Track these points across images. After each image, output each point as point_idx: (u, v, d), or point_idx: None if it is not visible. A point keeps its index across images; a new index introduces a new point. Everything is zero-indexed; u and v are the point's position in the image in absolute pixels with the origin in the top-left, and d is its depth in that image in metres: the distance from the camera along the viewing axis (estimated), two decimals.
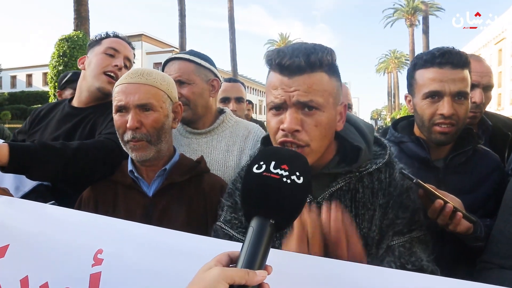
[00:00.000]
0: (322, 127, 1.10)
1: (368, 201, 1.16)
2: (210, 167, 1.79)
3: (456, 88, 1.47)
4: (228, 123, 2.00)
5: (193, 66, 1.91)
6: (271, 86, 1.13)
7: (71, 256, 1.13)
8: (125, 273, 1.05)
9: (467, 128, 1.62)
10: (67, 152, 1.48)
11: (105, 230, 1.15)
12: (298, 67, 1.07)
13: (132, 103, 1.42)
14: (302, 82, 1.08)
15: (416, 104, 1.59)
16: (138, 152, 1.45)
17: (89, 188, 1.59)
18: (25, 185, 1.64)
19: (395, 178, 1.20)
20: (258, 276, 0.73)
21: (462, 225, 1.27)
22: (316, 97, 1.08)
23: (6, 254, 1.21)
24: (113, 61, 1.97)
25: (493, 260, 1.28)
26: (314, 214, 1.00)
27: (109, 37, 2.04)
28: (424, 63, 1.53)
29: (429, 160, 1.57)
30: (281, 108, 1.11)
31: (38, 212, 1.29)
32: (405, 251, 1.12)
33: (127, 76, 1.48)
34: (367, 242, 1.13)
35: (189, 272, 0.96)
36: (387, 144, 1.28)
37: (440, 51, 1.50)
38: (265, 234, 0.76)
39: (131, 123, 1.41)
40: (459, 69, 1.47)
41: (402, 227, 1.16)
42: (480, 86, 1.96)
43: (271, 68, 1.14)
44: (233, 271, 0.72)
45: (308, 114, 1.09)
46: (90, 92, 1.97)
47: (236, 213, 1.27)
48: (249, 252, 0.74)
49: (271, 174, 0.79)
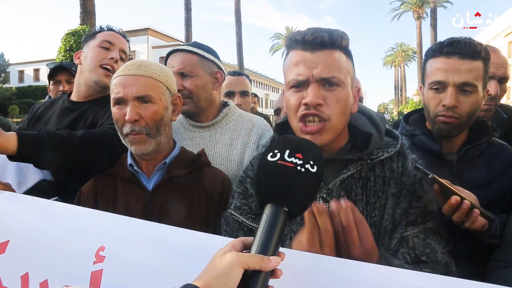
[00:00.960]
0: (343, 103, 1.14)
1: (379, 189, 1.16)
2: (213, 161, 1.77)
3: (462, 79, 1.42)
4: (231, 116, 1.98)
5: (197, 58, 1.88)
6: (292, 63, 1.15)
7: (72, 253, 1.12)
8: (127, 270, 1.03)
9: (481, 120, 1.58)
10: (73, 140, 1.49)
11: (107, 227, 1.14)
12: (321, 42, 1.11)
13: (131, 95, 1.40)
14: (325, 58, 1.11)
15: (424, 94, 1.57)
16: (137, 145, 1.42)
17: (88, 182, 1.57)
18: (28, 181, 1.63)
19: (407, 168, 1.20)
20: (272, 262, 0.74)
21: (479, 222, 1.22)
22: (337, 73, 1.12)
23: (6, 250, 1.20)
24: (109, 54, 1.96)
25: (507, 258, 1.25)
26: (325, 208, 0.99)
27: (103, 30, 2.04)
28: (433, 52, 1.51)
29: (442, 153, 1.53)
30: (302, 85, 1.13)
31: (40, 208, 1.28)
32: (419, 242, 1.13)
33: (124, 68, 1.46)
34: (380, 231, 1.13)
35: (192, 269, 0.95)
36: (399, 135, 1.28)
37: (449, 40, 1.47)
38: (279, 221, 0.78)
39: (129, 115, 1.38)
40: (468, 60, 1.42)
41: (415, 217, 1.16)
42: (495, 78, 1.91)
43: (292, 46, 1.17)
44: (248, 256, 0.74)
45: (330, 89, 1.12)
46: (88, 86, 1.96)
47: (246, 200, 1.28)
48: (263, 239, 0.76)
49: (286, 162, 0.81)
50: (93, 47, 1.97)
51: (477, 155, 1.54)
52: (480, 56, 1.43)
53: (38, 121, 2.01)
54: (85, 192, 1.54)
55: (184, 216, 1.42)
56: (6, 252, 1.20)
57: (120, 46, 2.02)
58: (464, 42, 1.44)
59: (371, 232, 1.04)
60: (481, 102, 1.50)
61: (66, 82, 3.16)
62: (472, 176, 1.50)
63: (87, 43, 2.02)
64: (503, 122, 2.00)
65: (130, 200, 1.47)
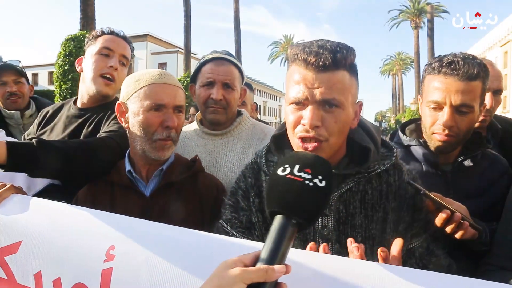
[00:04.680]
0: (341, 124, 1.12)
1: (376, 203, 1.18)
2: (225, 168, 1.80)
3: (459, 101, 1.42)
4: (244, 125, 2.00)
5: (238, 73, 1.93)
6: (293, 80, 1.13)
7: (83, 252, 1.16)
8: (136, 269, 1.07)
9: (475, 132, 1.61)
10: (67, 149, 1.48)
11: (117, 228, 1.17)
12: (324, 65, 1.08)
13: (173, 103, 1.48)
14: (326, 80, 1.09)
15: (422, 109, 1.59)
16: (164, 151, 1.49)
17: (85, 188, 1.59)
18: (37, 185, 1.65)
19: (404, 181, 1.21)
20: (277, 272, 0.74)
21: (469, 232, 1.27)
22: (338, 95, 1.09)
23: (19, 250, 1.24)
24: (108, 61, 1.94)
25: (495, 262, 1.31)
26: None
27: (104, 34, 2.00)
28: (432, 69, 1.50)
29: (438, 164, 1.57)
30: (301, 103, 1.12)
31: (52, 209, 1.32)
32: (423, 251, 1.17)
33: (159, 76, 1.50)
34: (383, 244, 1.13)
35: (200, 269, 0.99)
36: (393, 146, 1.29)
37: (449, 59, 1.45)
38: (287, 233, 0.79)
39: (172, 122, 1.46)
40: (466, 81, 1.41)
41: (419, 229, 1.19)
42: (490, 90, 1.94)
43: (295, 62, 1.14)
44: (252, 271, 0.74)
45: (329, 111, 1.10)
46: (90, 95, 1.96)
47: (236, 213, 1.28)
48: (270, 249, 0.77)
49: (295, 176, 0.82)
50: (92, 55, 1.95)
51: (472, 166, 1.57)
52: (479, 76, 1.42)
53: (46, 126, 2.02)
54: (82, 198, 1.56)
55: (181, 221, 1.45)
56: (19, 252, 1.24)
57: (120, 52, 1.99)
58: (464, 62, 1.42)
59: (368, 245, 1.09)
60: (477, 119, 1.52)
61: (14, 82, 2.87)
62: (466, 186, 1.54)
63: (88, 48, 2.00)
64: (498, 132, 2.03)
65: (127, 206, 1.48)
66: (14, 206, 1.34)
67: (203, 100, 1.90)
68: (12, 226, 1.29)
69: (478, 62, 1.44)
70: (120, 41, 2.02)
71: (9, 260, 1.25)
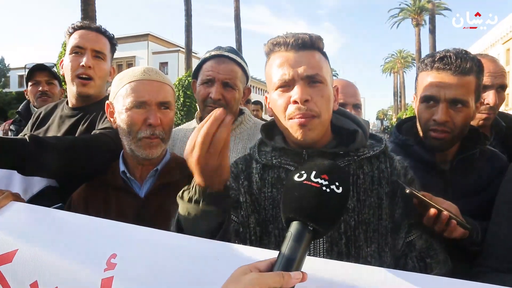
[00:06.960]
0: (327, 99, 1.19)
1: (368, 188, 1.19)
2: None
3: (452, 95, 1.42)
4: (246, 125, 1.98)
5: (240, 72, 1.88)
6: (276, 64, 1.20)
7: (82, 261, 1.12)
8: (137, 277, 1.04)
9: (473, 129, 1.59)
10: (60, 146, 1.45)
11: (118, 236, 1.14)
12: (303, 43, 1.17)
13: (155, 100, 1.42)
14: (307, 58, 1.17)
15: (416, 106, 1.58)
16: (151, 149, 1.43)
17: (79, 190, 1.56)
18: (33, 187, 1.62)
19: (396, 168, 1.24)
20: (293, 278, 0.74)
21: (458, 231, 1.25)
22: (320, 71, 1.17)
23: (13, 259, 1.20)
24: (80, 60, 1.87)
25: (488, 263, 1.29)
26: None
27: (75, 30, 1.91)
28: (425, 66, 1.50)
29: (435, 162, 1.55)
30: (288, 85, 1.17)
31: (50, 217, 1.28)
32: (423, 243, 1.18)
33: (142, 73, 1.46)
34: (379, 230, 1.16)
35: (203, 277, 0.97)
36: (382, 137, 1.32)
37: (441, 54, 1.45)
38: (303, 239, 0.78)
39: (154, 119, 1.40)
40: (460, 75, 1.41)
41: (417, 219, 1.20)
42: (494, 87, 1.92)
43: (274, 50, 1.22)
44: (269, 276, 0.73)
45: (314, 86, 1.16)
46: (75, 97, 1.93)
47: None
48: (286, 257, 0.76)
49: (312, 182, 0.82)
50: (67, 55, 1.91)
51: (470, 164, 1.56)
52: (472, 71, 1.42)
53: (40, 127, 2.00)
54: (75, 199, 1.53)
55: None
56: (14, 261, 1.20)
57: (91, 47, 1.89)
58: (456, 57, 1.42)
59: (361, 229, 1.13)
60: (473, 115, 1.51)
61: (46, 83, 2.99)
62: (464, 184, 1.53)
63: (67, 47, 1.96)
64: (502, 130, 2.02)
65: (122, 207, 1.46)
66: (13, 214, 1.30)
67: (202, 98, 1.87)
68: (9, 234, 1.26)
69: (471, 57, 1.45)
70: (90, 35, 1.91)
71: (4, 270, 1.21)
